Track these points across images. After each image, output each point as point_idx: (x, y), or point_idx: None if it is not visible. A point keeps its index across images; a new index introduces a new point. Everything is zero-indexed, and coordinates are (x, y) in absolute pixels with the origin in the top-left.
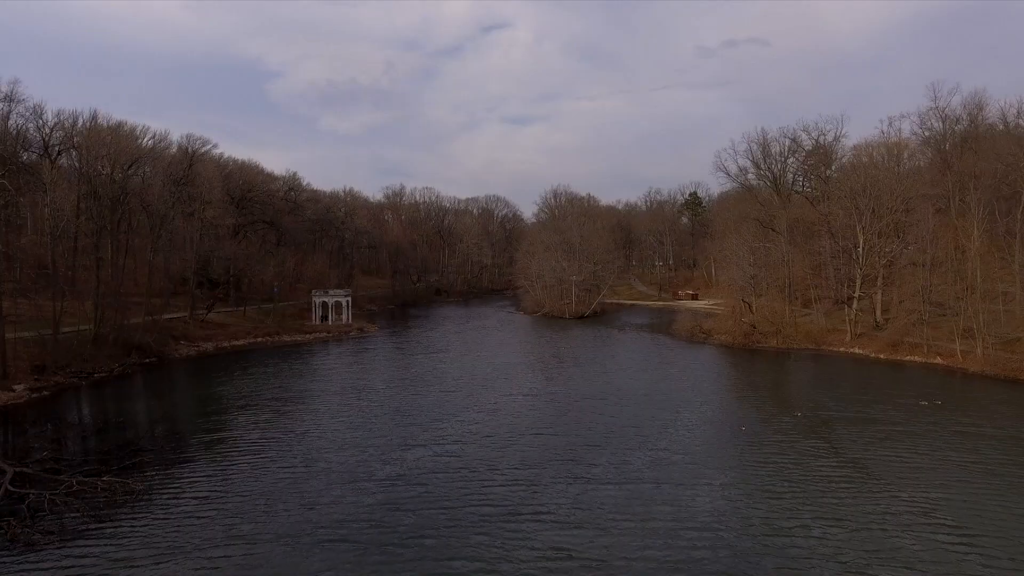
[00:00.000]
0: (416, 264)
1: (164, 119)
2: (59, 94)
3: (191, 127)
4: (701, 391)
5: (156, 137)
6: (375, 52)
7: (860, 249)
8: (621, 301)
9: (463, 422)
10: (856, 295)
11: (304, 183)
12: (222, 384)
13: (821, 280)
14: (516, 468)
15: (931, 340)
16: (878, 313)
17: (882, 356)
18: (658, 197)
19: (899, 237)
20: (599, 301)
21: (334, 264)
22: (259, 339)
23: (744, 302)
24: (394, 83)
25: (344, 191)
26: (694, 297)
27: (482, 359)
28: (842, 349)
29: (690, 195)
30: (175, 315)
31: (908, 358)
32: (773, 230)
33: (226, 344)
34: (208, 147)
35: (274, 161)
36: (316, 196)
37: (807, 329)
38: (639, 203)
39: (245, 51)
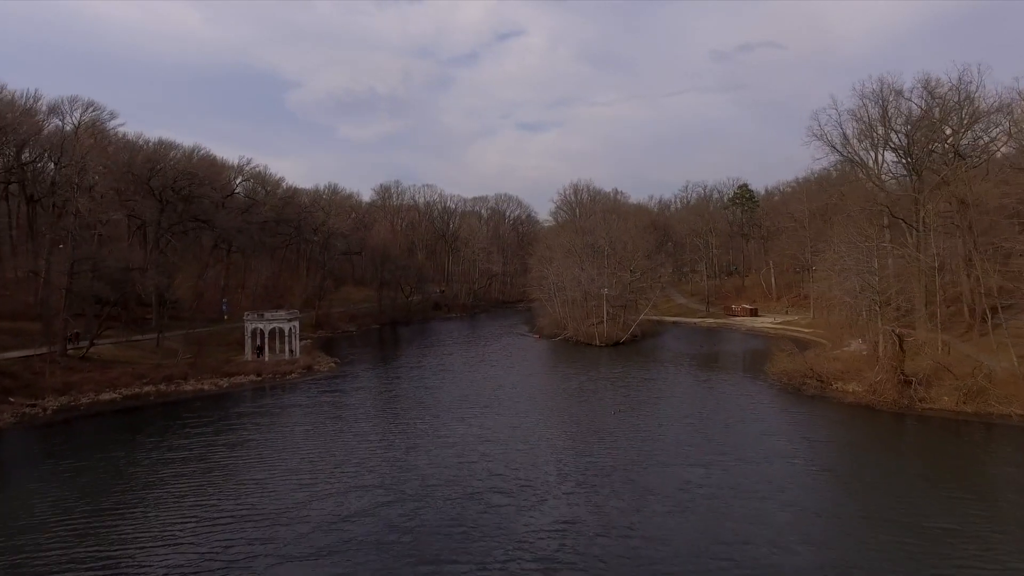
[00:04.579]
0: (411, 273)
1: (178, 128)
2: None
3: (204, 135)
4: (912, 555)
5: (25, 96)
6: (392, 61)
7: None
8: (662, 317)
9: None
10: None
11: (278, 178)
12: None
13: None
14: None
15: None
16: None
17: None
18: (697, 192)
19: None
20: (638, 321)
21: (311, 274)
22: (148, 388)
23: (895, 334)
24: (410, 91)
25: (326, 187)
26: (753, 313)
27: (464, 435)
28: None
29: (740, 187)
30: (42, 351)
31: None
32: (904, 222)
33: (85, 400)
34: (99, 113)
35: (286, 169)
36: (294, 194)
37: (1004, 381)
38: (673, 201)
39: (263, 61)
